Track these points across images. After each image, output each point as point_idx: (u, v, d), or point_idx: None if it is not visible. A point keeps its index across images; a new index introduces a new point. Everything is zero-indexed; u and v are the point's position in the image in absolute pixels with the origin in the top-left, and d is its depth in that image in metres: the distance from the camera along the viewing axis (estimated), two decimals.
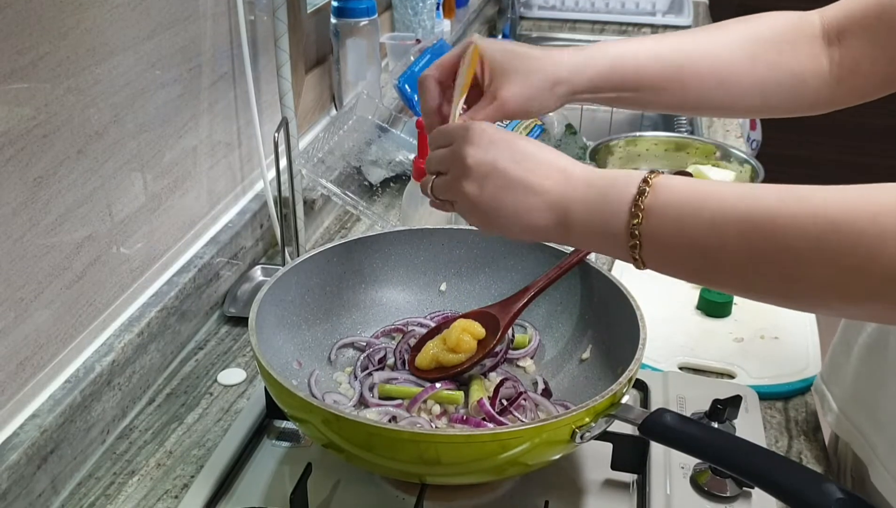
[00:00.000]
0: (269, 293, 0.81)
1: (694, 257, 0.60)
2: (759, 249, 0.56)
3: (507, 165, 0.67)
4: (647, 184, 0.61)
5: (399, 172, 1.34)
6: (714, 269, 0.60)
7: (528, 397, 0.81)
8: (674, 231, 0.60)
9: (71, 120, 0.79)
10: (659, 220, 0.60)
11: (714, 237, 0.58)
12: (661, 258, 0.62)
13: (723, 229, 0.58)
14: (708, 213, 0.59)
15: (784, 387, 0.93)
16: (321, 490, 0.76)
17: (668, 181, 0.61)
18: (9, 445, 0.73)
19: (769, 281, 0.58)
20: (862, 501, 0.57)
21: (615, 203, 0.62)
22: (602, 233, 0.63)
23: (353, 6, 1.39)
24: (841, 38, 0.79)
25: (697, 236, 0.59)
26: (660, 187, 0.61)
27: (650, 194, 0.61)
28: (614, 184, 0.63)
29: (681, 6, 2.39)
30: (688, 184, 0.61)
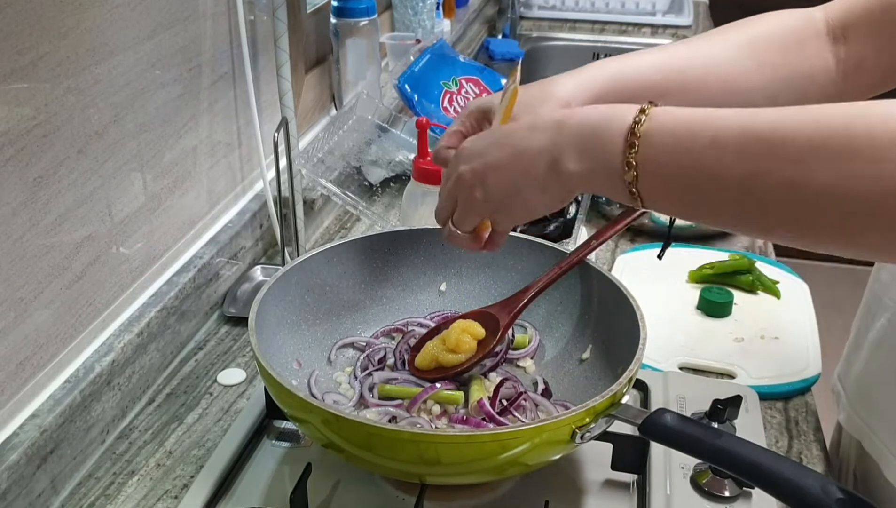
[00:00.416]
0: (269, 293, 0.81)
1: (694, 180, 0.58)
2: (761, 161, 0.54)
3: (495, 152, 0.67)
4: (643, 113, 0.60)
5: (399, 172, 1.34)
6: (716, 192, 0.57)
7: (528, 397, 0.81)
8: (672, 153, 0.58)
9: (71, 120, 0.79)
10: (656, 146, 0.59)
11: (713, 154, 0.56)
12: (658, 188, 0.60)
13: (723, 144, 0.56)
14: (709, 131, 0.57)
15: (784, 387, 0.93)
16: (321, 490, 0.76)
17: (666, 108, 0.60)
18: (9, 445, 0.73)
19: (771, 200, 0.55)
20: (862, 501, 0.57)
21: (611, 133, 0.61)
22: (600, 169, 0.62)
23: (353, 6, 1.39)
24: (846, 34, 0.78)
25: (697, 157, 0.57)
26: (657, 113, 0.60)
27: (647, 120, 0.59)
28: (611, 115, 0.62)
29: (681, 6, 2.39)
30: (685, 109, 0.60)
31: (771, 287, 1.10)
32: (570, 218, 1.13)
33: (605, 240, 0.86)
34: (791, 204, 0.54)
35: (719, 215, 0.60)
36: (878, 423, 0.84)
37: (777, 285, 1.10)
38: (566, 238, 1.09)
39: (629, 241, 1.23)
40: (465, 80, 1.45)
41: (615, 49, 2.22)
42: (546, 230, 1.11)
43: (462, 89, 1.44)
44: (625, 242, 1.23)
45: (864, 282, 0.92)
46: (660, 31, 2.30)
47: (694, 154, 0.57)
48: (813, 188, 0.52)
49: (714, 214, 0.60)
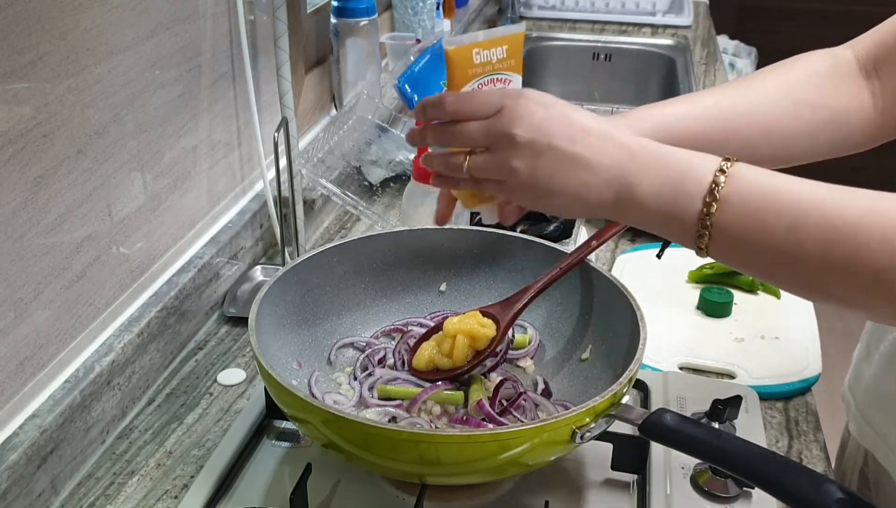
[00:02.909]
0: (269, 293, 0.81)
1: (767, 255, 0.59)
2: (839, 259, 0.56)
3: (564, 143, 0.64)
4: (723, 173, 0.59)
5: (399, 172, 1.34)
6: (784, 270, 0.59)
7: (527, 397, 0.81)
8: (750, 227, 0.59)
9: (71, 120, 0.79)
10: (735, 213, 0.59)
11: (793, 240, 0.57)
12: (729, 251, 0.61)
13: (803, 233, 0.57)
14: (788, 213, 0.57)
15: (784, 387, 0.93)
16: (321, 490, 0.76)
17: (748, 172, 0.60)
18: (9, 445, 0.73)
19: (841, 290, 0.58)
20: (862, 501, 0.57)
21: (689, 187, 0.60)
22: (669, 216, 0.61)
23: (353, 6, 1.38)
24: (877, 69, 0.78)
25: (775, 236, 0.58)
26: (738, 178, 0.59)
27: (727, 183, 0.59)
28: (689, 166, 0.61)
29: (681, 6, 2.39)
30: (768, 178, 0.59)
31: (771, 287, 1.10)
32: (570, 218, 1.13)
33: (605, 240, 0.86)
34: (864, 299, 0.57)
35: (783, 285, 0.63)
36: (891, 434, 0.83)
37: None
38: (566, 238, 1.09)
39: (629, 241, 1.23)
40: None
41: (615, 49, 2.22)
42: (546, 230, 1.11)
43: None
44: (625, 242, 1.23)
45: None
46: (660, 32, 2.30)
47: (772, 235, 0.58)
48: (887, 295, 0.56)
49: (778, 283, 0.63)
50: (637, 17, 2.37)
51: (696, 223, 0.60)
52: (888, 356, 0.84)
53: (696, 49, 2.18)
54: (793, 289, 0.62)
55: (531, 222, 1.14)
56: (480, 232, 0.93)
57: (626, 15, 2.37)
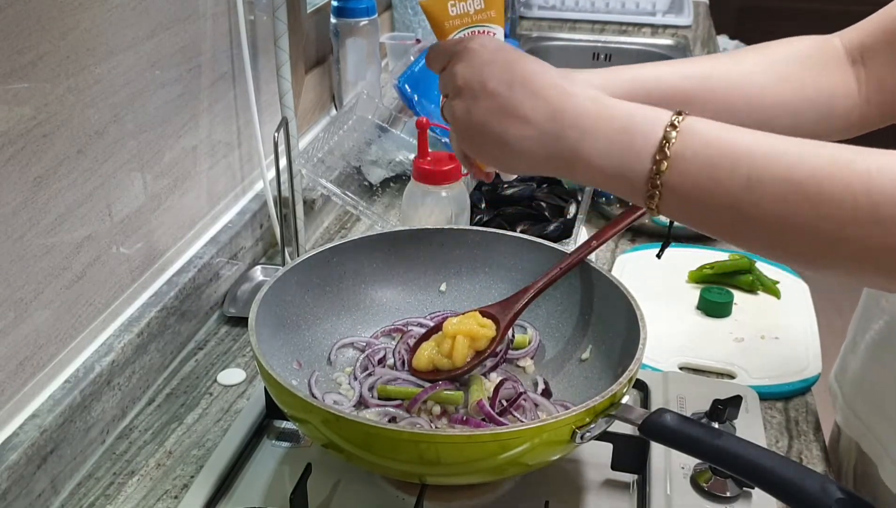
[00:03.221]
0: (269, 293, 0.81)
1: (722, 215, 0.56)
2: (800, 216, 0.53)
3: (499, 87, 0.62)
4: (674, 128, 0.57)
5: (399, 172, 1.34)
6: (742, 229, 0.56)
7: (527, 397, 0.80)
8: (703, 186, 0.56)
9: (71, 120, 0.79)
10: (686, 171, 0.56)
11: (749, 198, 0.54)
12: (682, 210, 0.58)
13: (760, 190, 0.54)
14: (744, 169, 0.54)
15: (784, 387, 0.93)
16: (321, 490, 0.76)
17: (701, 125, 0.57)
18: (9, 445, 0.73)
19: (804, 248, 0.55)
20: (862, 501, 0.57)
21: (637, 143, 0.57)
22: (616, 175, 0.59)
23: (353, 6, 1.39)
24: (864, 57, 0.78)
25: (730, 194, 0.55)
26: (690, 132, 0.56)
27: (678, 138, 0.56)
28: (638, 120, 0.58)
29: (681, 6, 2.39)
30: (720, 132, 0.56)
31: (771, 287, 1.10)
32: (570, 218, 1.13)
33: (605, 240, 0.86)
34: (822, 249, 0.54)
35: (742, 244, 0.59)
36: (876, 425, 0.84)
37: (777, 286, 1.10)
38: (566, 238, 1.09)
39: (629, 241, 1.23)
40: None
41: (615, 49, 2.22)
42: (546, 230, 1.11)
43: None
44: (625, 242, 1.23)
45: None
46: (660, 32, 2.30)
47: (727, 193, 0.55)
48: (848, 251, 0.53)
49: (737, 242, 0.59)
50: (637, 17, 2.37)
51: (646, 183, 0.57)
52: (872, 347, 0.84)
53: (696, 49, 2.18)
54: (753, 248, 0.60)
55: (531, 222, 1.14)
56: (480, 232, 0.93)
57: (626, 15, 2.37)
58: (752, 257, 1.13)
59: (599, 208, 1.28)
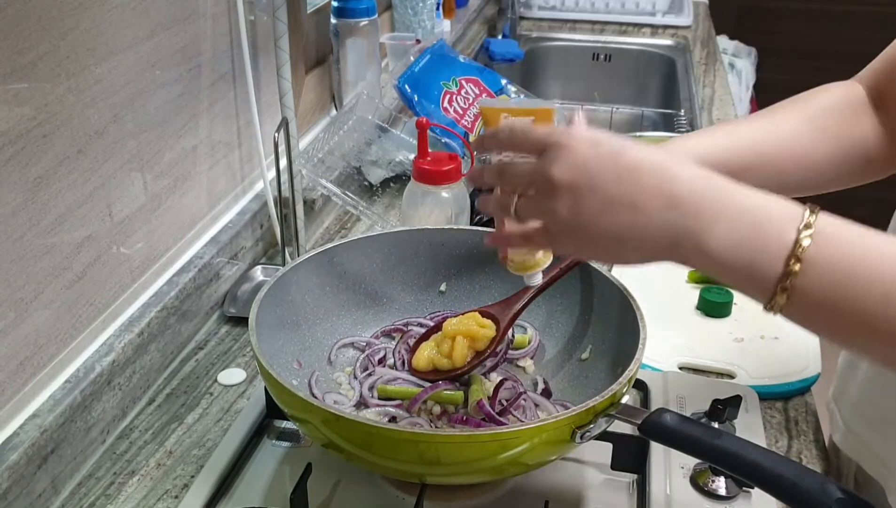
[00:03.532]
0: (269, 293, 0.81)
1: (852, 325, 0.54)
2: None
3: (609, 183, 0.58)
4: (808, 228, 0.54)
5: (399, 172, 1.34)
6: (871, 342, 0.54)
7: (527, 397, 0.81)
8: (836, 295, 0.53)
9: (71, 120, 0.79)
10: (820, 277, 0.53)
11: (885, 313, 0.52)
12: (807, 316, 0.56)
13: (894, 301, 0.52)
14: (880, 283, 0.52)
15: (784, 387, 0.93)
16: (321, 490, 0.76)
17: (833, 229, 0.54)
18: (9, 445, 0.73)
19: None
20: (862, 501, 0.57)
21: (769, 243, 0.55)
22: (743, 273, 0.56)
23: (353, 6, 1.38)
24: (881, 99, 0.79)
25: (864, 306, 0.53)
26: (824, 236, 0.54)
27: (813, 243, 0.54)
28: (768, 217, 0.56)
29: (681, 6, 2.39)
30: (856, 236, 0.55)
31: None
32: None
33: None
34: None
35: (863, 354, 0.60)
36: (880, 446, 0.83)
37: None
38: None
39: None
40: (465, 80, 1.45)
41: (615, 49, 2.22)
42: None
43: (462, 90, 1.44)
44: None
45: None
46: (660, 32, 2.30)
47: (861, 305, 0.53)
48: None
49: (858, 351, 0.59)
50: (637, 17, 2.37)
51: (775, 285, 0.54)
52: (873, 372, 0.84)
53: (695, 49, 2.18)
54: (875, 359, 0.58)
55: None
56: (480, 232, 0.93)
57: (625, 15, 2.38)
58: None
59: None
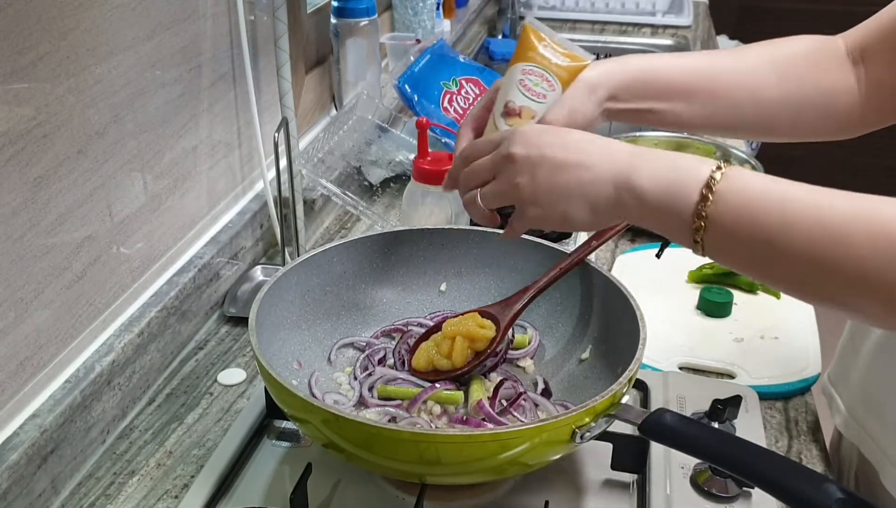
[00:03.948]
0: (269, 293, 0.81)
1: (759, 251, 0.61)
2: (827, 257, 0.58)
3: (557, 151, 0.67)
4: (719, 169, 0.62)
5: (399, 172, 1.34)
6: (776, 268, 0.61)
7: (527, 397, 0.81)
8: (743, 221, 0.60)
9: (71, 120, 0.79)
10: (729, 206, 0.61)
11: (783, 236, 0.59)
12: (723, 246, 0.62)
13: (793, 230, 0.58)
14: (779, 210, 0.59)
15: (784, 387, 0.93)
16: (321, 490, 0.76)
17: (742, 172, 0.62)
18: (9, 445, 0.73)
19: (832, 289, 0.59)
20: (862, 501, 0.57)
21: (686, 179, 0.62)
22: (667, 206, 0.63)
23: (353, 6, 1.38)
24: (864, 57, 0.80)
25: (767, 232, 0.59)
26: (733, 175, 0.61)
27: (723, 179, 0.61)
28: (687, 163, 0.64)
29: (681, 6, 2.39)
30: (761, 177, 0.62)
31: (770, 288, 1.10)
32: None
33: (605, 241, 0.86)
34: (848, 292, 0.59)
35: (776, 283, 0.64)
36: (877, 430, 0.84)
37: None
38: (566, 238, 1.09)
39: (629, 241, 1.23)
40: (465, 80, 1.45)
41: (615, 49, 2.21)
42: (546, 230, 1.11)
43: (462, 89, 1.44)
44: (625, 242, 1.23)
45: None
46: (660, 32, 2.30)
47: (764, 231, 0.60)
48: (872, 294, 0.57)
49: (772, 281, 0.64)
50: (637, 17, 2.37)
51: (693, 214, 0.62)
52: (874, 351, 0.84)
53: (696, 49, 2.18)
54: (786, 288, 0.64)
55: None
56: (480, 232, 0.93)
57: (626, 15, 2.38)
58: None
59: None
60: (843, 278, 0.58)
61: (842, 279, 0.58)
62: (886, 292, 0.57)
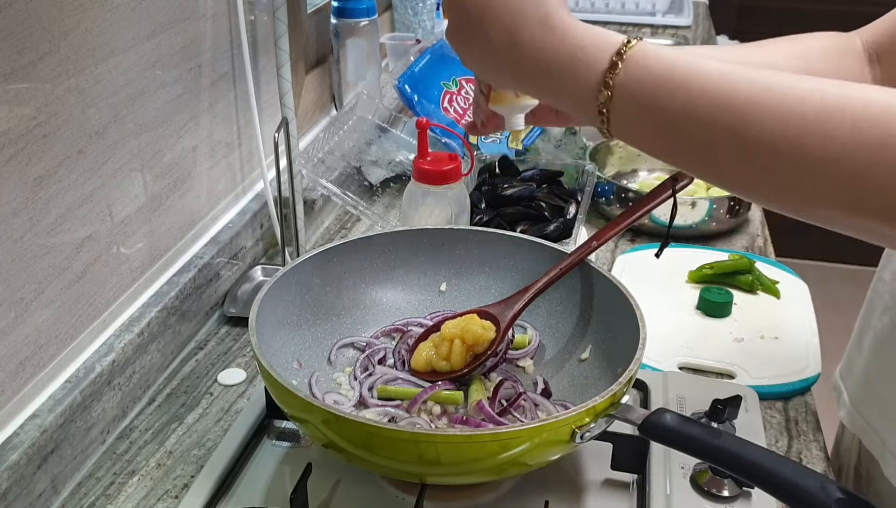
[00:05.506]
0: (269, 293, 0.81)
1: (660, 119, 0.59)
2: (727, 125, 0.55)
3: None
4: (633, 40, 0.61)
5: (399, 172, 1.34)
6: (677, 139, 0.59)
7: (527, 397, 0.81)
8: (649, 92, 0.59)
9: (71, 120, 0.79)
10: (636, 77, 0.59)
11: (683, 96, 0.57)
12: (628, 117, 0.60)
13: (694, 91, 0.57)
14: (683, 71, 0.58)
15: (784, 387, 0.93)
16: (321, 490, 0.76)
17: (654, 45, 0.61)
18: (9, 445, 0.73)
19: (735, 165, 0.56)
20: (862, 501, 0.57)
21: (596, 50, 0.61)
22: (573, 60, 0.61)
23: (353, 6, 1.39)
24: (879, 56, 0.79)
25: (670, 103, 0.58)
26: (646, 44, 0.60)
27: (634, 48, 0.60)
28: (604, 34, 0.62)
29: (681, 6, 2.39)
30: (672, 51, 0.61)
31: (771, 287, 1.10)
32: (570, 218, 1.13)
33: (605, 241, 0.86)
34: (751, 169, 0.56)
35: (678, 160, 0.61)
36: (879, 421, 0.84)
37: (777, 285, 1.10)
38: (566, 238, 1.09)
39: (629, 241, 1.23)
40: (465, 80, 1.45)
41: None
42: (546, 230, 1.11)
43: (462, 89, 1.44)
44: (625, 242, 1.23)
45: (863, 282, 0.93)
46: (660, 32, 2.30)
47: (667, 99, 0.58)
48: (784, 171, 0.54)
49: (673, 157, 0.61)
50: (637, 17, 2.37)
51: (599, 83, 0.60)
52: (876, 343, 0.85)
53: None
54: (689, 166, 0.61)
55: (531, 222, 1.14)
56: (480, 232, 0.93)
57: (626, 15, 2.37)
58: (751, 258, 1.13)
59: (599, 208, 1.28)
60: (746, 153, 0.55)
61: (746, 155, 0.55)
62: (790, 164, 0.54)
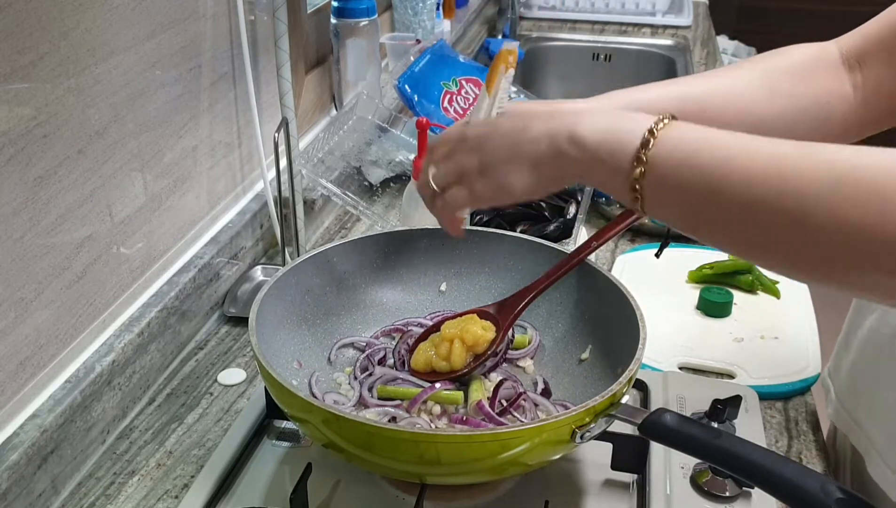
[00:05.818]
0: (269, 293, 0.81)
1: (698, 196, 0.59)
2: (762, 193, 0.55)
3: (506, 121, 0.68)
4: (666, 119, 0.61)
5: (399, 172, 1.34)
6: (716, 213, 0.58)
7: (527, 397, 0.81)
8: (683, 164, 0.59)
9: (71, 120, 0.79)
10: (670, 151, 0.59)
11: (719, 173, 0.57)
12: (663, 193, 0.61)
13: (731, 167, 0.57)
14: (721, 150, 0.58)
15: (784, 387, 0.93)
16: (321, 490, 0.76)
17: (686, 122, 0.62)
18: (9, 445, 0.73)
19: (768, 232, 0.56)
20: (862, 501, 0.57)
21: (629, 127, 0.62)
22: (607, 154, 0.62)
23: (353, 6, 1.39)
24: (861, 61, 0.79)
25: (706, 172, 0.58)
26: (676, 123, 0.61)
27: (665, 126, 0.61)
28: (630, 115, 0.63)
29: (681, 6, 2.39)
30: (703, 127, 0.61)
31: (771, 287, 1.10)
32: (570, 218, 1.13)
33: (605, 241, 0.86)
34: (788, 237, 0.55)
35: (716, 236, 0.61)
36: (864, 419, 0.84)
37: (777, 285, 1.10)
38: (566, 238, 1.10)
39: (629, 241, 1.23)
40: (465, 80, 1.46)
41: (615, 49, 2.22)
42: (546, 230, 1.11)
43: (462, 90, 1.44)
44: (625, 242, 1.23)
45: None
46: (660, 32, 2.30)
47: (703, 170, 0.58)
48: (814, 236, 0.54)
49: (711, 233, 0.61)
50: (637, 17, 2.37)
51: (632, 160, 0.60)
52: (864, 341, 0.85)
53: (695, 49, 2.18)
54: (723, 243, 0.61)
55: (531, 222, 1.14)
56: (480, 232, 0.93)
57: (625, 15, 2.38)
58: None
59: (599, 208, 1.28)
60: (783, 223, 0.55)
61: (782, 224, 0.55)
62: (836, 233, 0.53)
